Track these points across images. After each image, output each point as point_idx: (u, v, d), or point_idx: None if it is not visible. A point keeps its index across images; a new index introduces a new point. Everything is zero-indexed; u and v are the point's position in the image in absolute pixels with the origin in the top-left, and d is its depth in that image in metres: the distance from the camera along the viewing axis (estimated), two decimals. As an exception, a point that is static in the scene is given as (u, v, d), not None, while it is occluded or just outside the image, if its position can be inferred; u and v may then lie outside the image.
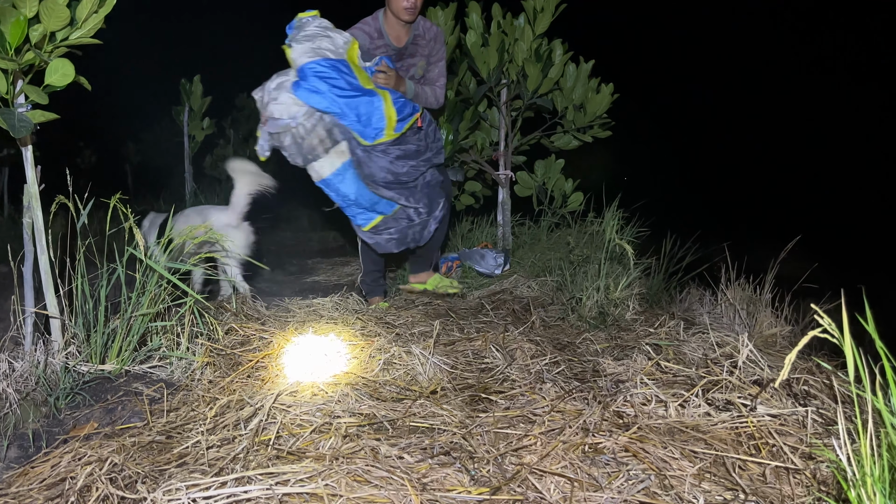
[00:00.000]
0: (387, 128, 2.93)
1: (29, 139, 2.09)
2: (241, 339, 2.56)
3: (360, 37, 3.19)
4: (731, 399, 1.77)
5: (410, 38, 3.30)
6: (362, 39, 3.18)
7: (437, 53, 3.41)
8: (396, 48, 3.28)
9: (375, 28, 3.23)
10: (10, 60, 1.91)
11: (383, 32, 3.24)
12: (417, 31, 3.31)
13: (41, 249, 2.11)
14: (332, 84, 2.84)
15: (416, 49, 3.34)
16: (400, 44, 3.28)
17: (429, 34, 3.35)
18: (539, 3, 4.12)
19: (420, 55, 3.37)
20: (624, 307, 3.05)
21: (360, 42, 3.15)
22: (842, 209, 10.17)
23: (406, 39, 3.29)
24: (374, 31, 3.23)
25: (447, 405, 1.86)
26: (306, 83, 2.85)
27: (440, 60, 3.44)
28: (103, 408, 1.93)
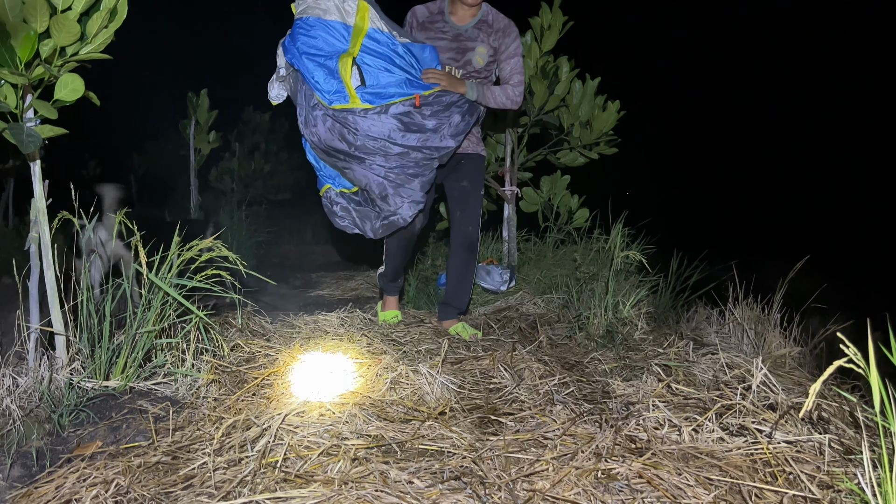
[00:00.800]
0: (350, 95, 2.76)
1: (37, 154, 2.08)
2: (247, 355, 2.54)
3: (420, 10, 3.11)
4: (745, 424, 1.74)
5: (475, 21, 3.08)
6: (420, 13, 3.11)
7: (508, 48, 3.11)
8: (456, 27, 3.08)
9: (439, 6, 3.11)
10: (20, 75, 1.90)
11: (445, 11, 3.09)
12: (485, 18, 3.11)
13: (47, 264, 2.09)
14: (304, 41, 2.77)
15: (477, 34, 3.09)
16: (462, 23, 3.08)
17: (497, 24, 3.10)
18: (546, 21, 4.14)
19: (482, 42, 3.09)
20: (632, 326, 3.03)
21: (419, 14, 3.11)
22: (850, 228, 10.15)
23: (469, 22, 3.08)
24: (435, 8, 3.11)
25: (456, 427, 1.84)
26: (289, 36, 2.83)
27: (513, 56, 3.12)
28: (108, 426, 1.91)
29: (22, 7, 1.84)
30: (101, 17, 2.02)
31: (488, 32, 3.08)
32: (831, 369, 1.04)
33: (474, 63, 3.10)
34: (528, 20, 4.24)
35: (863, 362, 1.03)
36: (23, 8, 1.84)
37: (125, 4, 2.07)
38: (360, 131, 2.76)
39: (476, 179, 3.22)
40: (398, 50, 2.84)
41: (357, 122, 2.75)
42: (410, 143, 2.80)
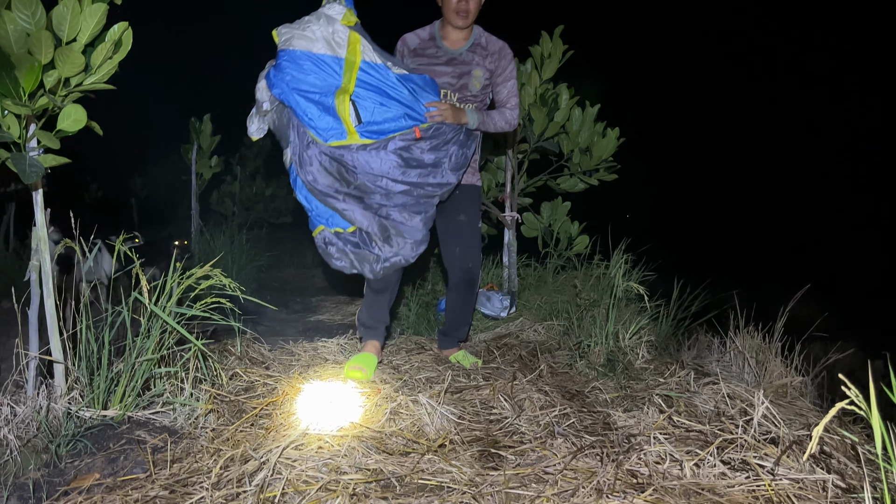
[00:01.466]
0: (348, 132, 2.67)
1: (39, 183, 2.09)
2: (246, 384, 2.53)
3: (410, 38, 3.05)
4: (747, 459, 1.73)
5: (468, 44, 3.02)
6: (411, 40, 3.05)
7: (504, 70, 3.05)
8: (451, 51, 3.01)
9: (430, 32, 3.06)
10: (24, 106, 1.92)
11: (437, 37, 3.03)
12: (478, 40, 3.04)
13: (47, 293, 2.09)
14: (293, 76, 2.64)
15: (472, 57, 3.02)
16: (455, 47, 3.02)
17: (492, 46, 3.04)
18: (546, 50, 4.18)
19: (478, 65, 3.02)
20: (633, 354, 3.02)
21: (409, 42, 3.04)
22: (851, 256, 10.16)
23: (463, 45, 3.02)
24: (426, 34, 3.05)
25: (456, 461, 1.82)
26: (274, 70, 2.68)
27: (509, 79, 3.06)
28: (105, 457, 1.89)
29: (27, 39, 1.86)
30: (106, 49, 2.04)
31: (483, 55, 3.02)
32: (833, 412, 1.03)
33: (471, 87, 3.04)
34: (528, 48, 4.28)
35: (864, 404, 1.03)
36: (28, 40, 1.86)
37: (130, 36, 2.09)
38: (358, 168, 2.68)
39: (473, 212, 3.11)
40: (393, 82, 2.71)
41: (355, 158, 2.67)
42: (411, 179, 2.72)
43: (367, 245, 2.78)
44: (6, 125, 1.95)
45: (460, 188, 3.04)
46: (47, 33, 1.85)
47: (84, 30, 1.96)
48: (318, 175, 2.72)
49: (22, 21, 1.83)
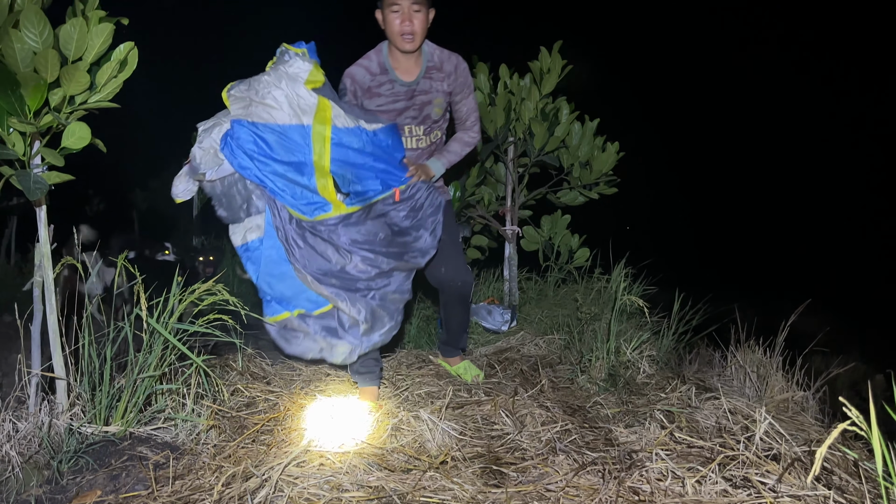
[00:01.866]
0: (332, 203, 2.41)
1: (43, 199, 2.11)
2: (247, 400, 2.53)
3: (360, 74, 2.74)
4: (748, 476, 1.73)
5: (422, 70, 2.78)
6: (361, 77, 2.74)
7: (462, 89, 2.86)
8: (406, 83, 2.77)
9: (378, 62, 2.76)
10: (29, 124, 1.93)
11: (387, 67, 2.75)
12: (431, 61, 2.79)
13: (50, 308, 2.10)
14: (259, 152, 2.33)
15: (430, 84, 2.80)
16: (410, 78, 2.77)
17: (447, 65, 2.81)
18: (546, 66, 4.21)
19: (437, 91, 2.82)
20: (634, 369, 3.02)
21: (360, 80, 2.73)
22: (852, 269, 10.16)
23: (417, 73, 2.77)
24: (375, 66, 2.75)
25: (458, 478, 1.82)
26: (235, 143, 2.33)
27: (468, 96, 2.89)
28: (107, 473, 1.89)
29: (34, 58, 1.88)
30: (111, 68, 2.07)
31: (440, 78, 2.82)
32: (835, 434, 1.04)
33: (433, 115, 2.87)
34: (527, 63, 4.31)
35: (864, 424, 1.03)
36: (34, 59, 1.88)
37: (135, 55, 2.12)
38: (345, 243, 2.42)
39: (452, 228, 2.95)
40: (368, 143, 2.46)
41: (341, 232, 2.42)
42: (395, 249, 2.50)
43: (348, 331, 2.45)
44: (11, 143, 1.97)
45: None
46: (54, 52, 1.87)
47: (90, 49, 1.98)
48: (308, 258, 2.41)
49: (29, 40, 1.85)
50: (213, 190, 2.40)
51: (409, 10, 2.58)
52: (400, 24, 2.59)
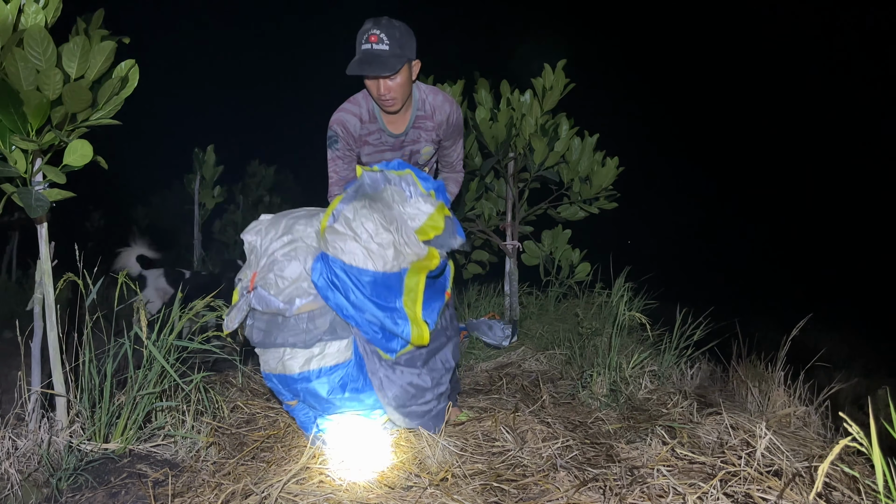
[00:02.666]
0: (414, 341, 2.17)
1: (45, 217, 2.11)
2: (247, 416, 2.53)
3: (351, 122, 2.61)
4: (750, 492, 1.72)
5: (411, 121, 2.65)
6: (353, 126, 2.61)
7: (453, 135, 2.77)
8: (394, 135, 2.67)
9: (367, 108, 2.62)
10: (31, 141, 1.94)
11: (376, 115, 2.62)
12: (422, 111, 2.66)
13: (50, 325, 2.10)
14: (360, 297, 2.11)
15: (419, 135, 2.70)
16: (398, 130, 2.66)
17: (439, 114, 2.67)
18: (548, 83, 4.23)
19: (425, 140, 2.72)
20: (636, 384, 3.01)
21: (351, 129, 2.62)
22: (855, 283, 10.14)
23: (406, 125, 2.66)
24: (364, 113, 2.62)
25: (458, 495, 1.81)
26: (330, 275, 2.11)
27: (458, 141, 2.81)
28: (106, 491, 1.89)
29: (37, 76, 1.89)
30: (113, 85, 2.08)
31: (430, 128, 2.70)
32: (836, 451, 1.03)
33: (421, 161, 2.80)
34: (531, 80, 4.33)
35: (866, 442, 1.03)
36: (37, 77, 1.89)
37: (136, 73, 2.14)
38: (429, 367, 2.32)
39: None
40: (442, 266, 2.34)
41: (424, 355, 2.31)
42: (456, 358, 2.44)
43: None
44: (13, 160, 1.98)
45: None
46: (57, 70, 1.88)
47: (93, 67, 2.00)
48: (395, 392, 2.22)
49: (33, 58, 1.87)
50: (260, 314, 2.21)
51: (383, 81, 2.42)
52: (377, 91, 2.45)
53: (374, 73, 2.35)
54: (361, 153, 2.70)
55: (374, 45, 2.35)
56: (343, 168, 2.69)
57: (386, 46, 2.35)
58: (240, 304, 2.19)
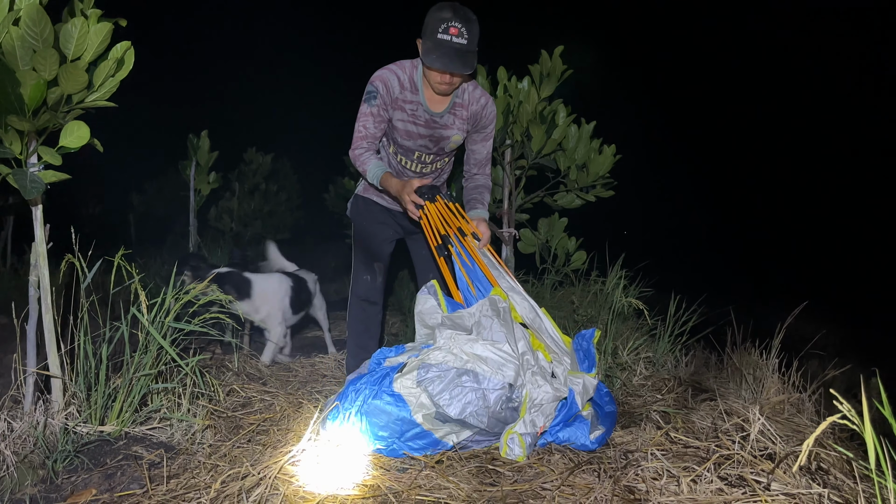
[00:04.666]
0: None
1: (39, 199, 2.10)
2: (243, 400, 2.53)
3: (392, 81, 2.63)
4: (743, 475, 1.73)
5: (449, 105, 2.70)
6: (393, 85, 2.63)
7: (485, 129, 2.82)
8: (431, 113, 2.69)
9: (410, 77, 2.65)
10: (27, 122, 1.93)
11: (418, 86, 2.65)
12: (460, 98, 2.71)
13: (46, 308, 2.09)
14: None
15: (451, 120, 2.73)
16: (436, 109, 2.69)
17: (474, 106, 2.73)
18: (545, 69, 4.21)
19: (457, 128, 2.75)
20: (631, 371, 3.03)
21: (391, 87, 2.63)
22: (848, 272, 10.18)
23: (444, 107, 2.70)
24: (406, 80, 2.65)
25: (453, 476, 1.82)
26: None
27: (489, 139, 2.86)
28: (102, 472, 1.89)
29: (33, 56, 1.88)
30: (109, 67, 2.07)
31: (463, 117, 2.75)
32: (824, 425, 1.04)
33: (447, 148, 2.83)
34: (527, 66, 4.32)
35: (857, 419, 1.04)
36: (34, 56, 1.88)
37: (132, 55, 2.12)
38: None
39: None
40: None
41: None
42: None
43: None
44: (8, 141, 1.97)
45: None
46: (53, 51, 1.87)
47: (89, 48, 1.99)
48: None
49: (29, 37, 1.85)
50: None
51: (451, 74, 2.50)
52: (443, 80, 2.51)
53: (457, 72, 2.40)
54: (394, 117, 2.69)
55: (455, 39, 2.37)
56: (373, 125, 2.66)
57: (465, 41, 2.39)
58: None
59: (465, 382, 2.05)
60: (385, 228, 2.95)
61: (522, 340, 2.26)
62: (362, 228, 2.96)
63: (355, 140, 2.67)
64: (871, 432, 1.00)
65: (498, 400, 2.04)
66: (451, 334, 2.19)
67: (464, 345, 2.14)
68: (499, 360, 2.10)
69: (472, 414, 2.02)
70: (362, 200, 2.96)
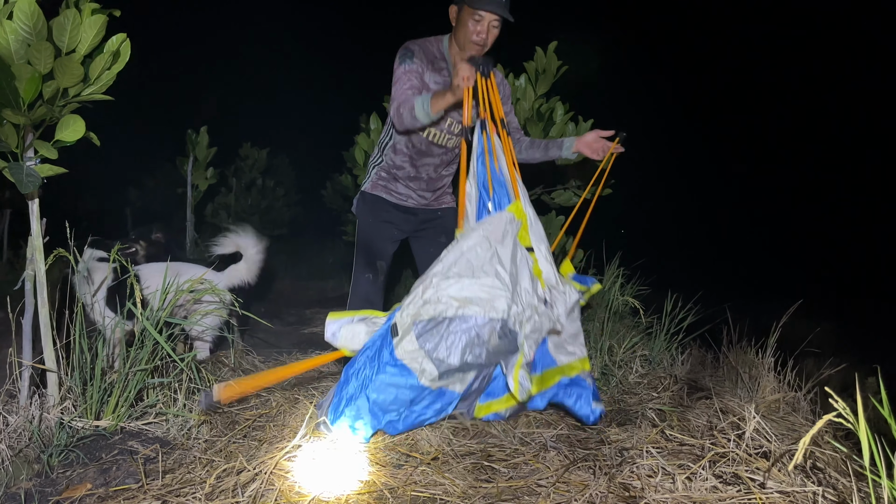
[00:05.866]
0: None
1: (36, 193, 2.10)
2: (239, 396, 2.52)
3: (425, 47, 2.76)
4: (738, 472, 1.74)
5: None
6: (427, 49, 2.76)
7: (507, 100, 2.96)
8: None
9: (439, 50, 2.79)
10: (23, 115, 1.92)
11: (446, 57, 2.79)
12: None
13: (41, 302, 2.09)
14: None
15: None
16: None
17: (496, 77, 2.83)
18: (541, 66, 4.21)
19: None
20: (627, 368, 3.03)
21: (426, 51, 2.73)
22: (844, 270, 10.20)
23: None
24: (436, 51, 2.78)
25: (449, 473, 1.82)
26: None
27: (512, 109, 3.02)
28: (97, 467, 1.88)
29: (27, 49, 1.87)
30: (105, 60, 2.06)
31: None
32: (820, 424, 1.04)
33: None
34: (523, 64, 4.31)
35: (852, 417, 1.04)
36: (28, 50, 1.87)
37: (128, 48, 2.11)
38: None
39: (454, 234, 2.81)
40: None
41: None
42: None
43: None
44: (4, 135, 1.96)
45: (443, 211, 3.03)
46: (47, 44, 1.86)
47: (84, 41, 1.97)
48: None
49: (23, 31, 1.84)
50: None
51: (490, 24, 2.62)
52: (476, 34, 2.63)
53: (497, 12, 2.57)
54: (430, 80, 2.75)
55: None
56: (417, 80, 2.68)
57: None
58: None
59: (458, 328, 2.09)
60: (390, 227, 2.95)
61: (525, 269, 2.29)
62: (367, 226, 2.96)
63: (404, 92, 2.65)
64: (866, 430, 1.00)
65: (491, 332, 2.09)
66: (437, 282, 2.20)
67: (449, 290, 2.16)
68: (487, 296, 2.13)
69: (471, 354, 2.07)
70: (370, 197, 2.96)
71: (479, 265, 2.21)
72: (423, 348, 2.09)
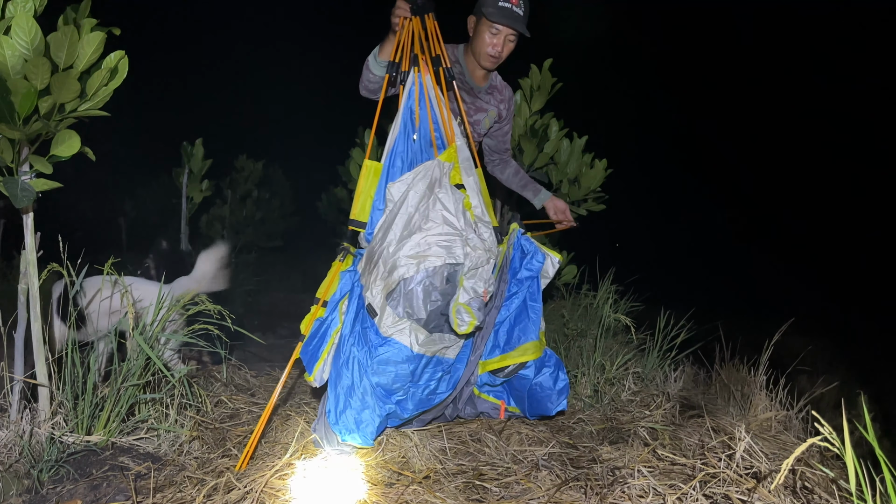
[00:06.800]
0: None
1: (31, 207, 2.10)
2: (230, 411, 2.52)
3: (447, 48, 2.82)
4: (728, 493, 1.74)
5: (487, 84, 2.92)
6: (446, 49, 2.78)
7: (510, 115, 3.08)
8: (473, 84, 2.89)
9: (455, 56, 2.85)
10: (18, 130, 1.93)
11: (462, 64, 2.85)
12: (493, 82, 2.96)
13: (34, 316, 2.08)
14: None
15: (489, 100, 2.96)
16: (478, 84, 2.90)
17: (506, 92, 3.00)
18: (535, 83, 4.24)
19: (493, 106, 2.97)
20: (619, 386, 3.03)
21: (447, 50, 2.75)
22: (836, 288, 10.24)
23: (484, 84, 2.91)
24: (451, 56, 2.82)
25: (440, 492, 1.82)
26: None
27: (509, 123, 3.12)
28: (88, 483, 1.88)
29: (24, 65, 1.88)
30: (102, 76, 2.07)
31: (498, 99, 2.98)
32: (803, 447, 1.05)
33: (482, 126, 3.00)
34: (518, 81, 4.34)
35: (838, 441, 1.05)
36: (25, 65, 1.88)
37: (126, 64, 2.12)
38: None
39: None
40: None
41: None
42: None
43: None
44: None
45: None
46: (44, 60, 1.87)
47: (81, 57, 1.99)
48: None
49: (20, 47, 1.85)
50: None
51: (507, 38, 2.68)
52: (492, 46, 2.68)
53: (515, 27, 2.62)
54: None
55: (514, 7, 2.61)
56: None
57: (522, 12, 2.63)
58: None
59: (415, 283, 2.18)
60: None
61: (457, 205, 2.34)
62: None
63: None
64: (852, 454, 1.01)
65: (441, 278, 2.20)
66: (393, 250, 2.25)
67: (403, 251, 2.22)
68: (447, 244, 2.22)
69: (430, 303, 2.19)
70: None
71: (425, 217, 2.28)
72: (401, 316, 2.17)
